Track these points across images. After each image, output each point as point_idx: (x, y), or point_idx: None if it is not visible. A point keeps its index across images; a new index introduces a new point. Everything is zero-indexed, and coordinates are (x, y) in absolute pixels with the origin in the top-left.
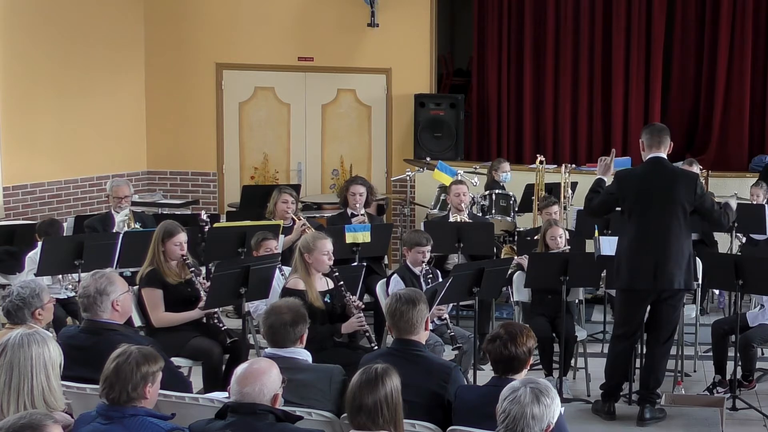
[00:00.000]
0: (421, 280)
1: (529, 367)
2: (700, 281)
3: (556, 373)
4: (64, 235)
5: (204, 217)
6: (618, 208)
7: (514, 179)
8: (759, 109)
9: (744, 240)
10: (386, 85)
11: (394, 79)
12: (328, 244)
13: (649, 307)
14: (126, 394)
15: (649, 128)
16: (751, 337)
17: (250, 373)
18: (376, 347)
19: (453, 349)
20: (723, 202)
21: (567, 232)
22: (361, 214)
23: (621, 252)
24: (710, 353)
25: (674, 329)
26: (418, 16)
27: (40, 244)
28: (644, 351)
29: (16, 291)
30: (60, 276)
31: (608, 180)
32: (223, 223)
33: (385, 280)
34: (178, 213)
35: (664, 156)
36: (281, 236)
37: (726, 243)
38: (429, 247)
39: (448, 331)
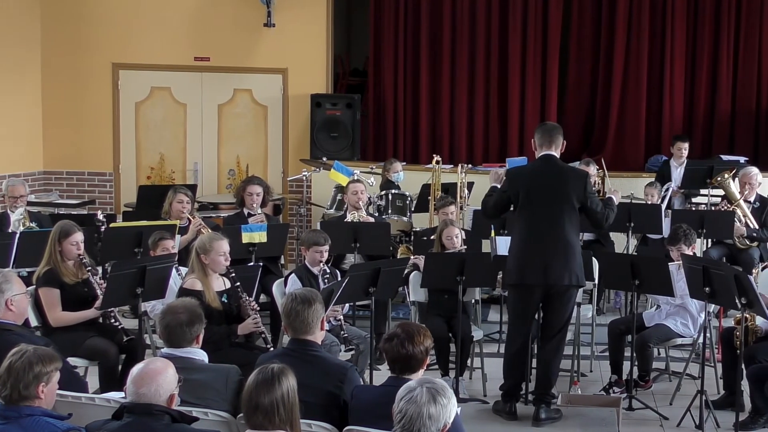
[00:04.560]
0: (320, 279)
1: (425, 367)
2: (596, 281)
3: (452, 373)
4: None
5: (100, 217)
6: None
7: (410, 179)
8: (655, 109)
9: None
10: (282, 85)
11: (291, 79)
12: (224, 245)
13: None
14: (18, 392)
15: (541, 127)
16: (647, 337)
17: (146, 373)
18: (272, 348)
19: (346, 350)
20: (606, 197)
21: (463, 232)
22: (258, 214)
23: (512, 248)
24: (607, 353)
25: (563, 326)
26: (315, 16)
27: None
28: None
29: None
30: None
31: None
32: (119, 223)
33: (282, 279)
34: (75, 213)
35: (556, 154)
36: (177, 236)
37: (622, 243)
38: (327, 247)
39: (342, 333)
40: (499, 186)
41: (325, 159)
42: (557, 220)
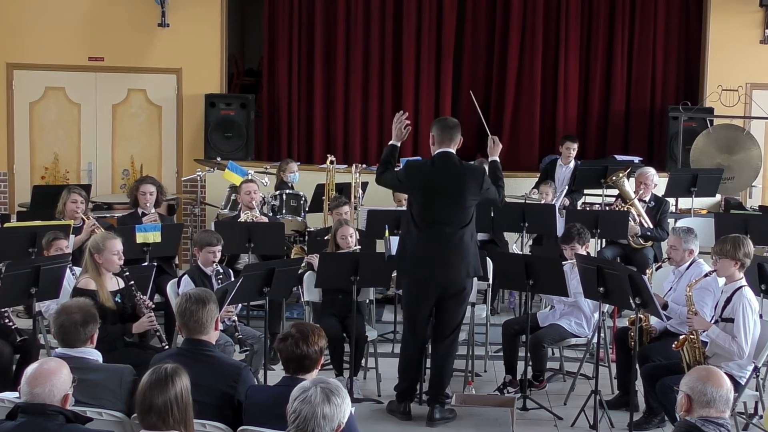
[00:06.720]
0: (213, 280)
1: (320, 367)
2: (491, 281)
3: (346, 373)
4: None
5: None
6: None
7: (304, 179)
8: (549, 109)
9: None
10: (177, 85)
11: (185, 79)
12: (117, 244)
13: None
14: None
15: (441, 123)
16: (541, 337)
17: (40, 373)
18: (166, 347)
19: (241, 351)
20: (490, 160)
21: (357, 232)
22: (152, 213)
23: (407, 245)
24: (501, 353)
25: (458, 325)
26: (209, 15)
27: None
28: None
29: None
30: None
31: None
32: (13, 223)
33: (175, 280)
34: None
35: (453, 151)
36: (71, 236)
37: (517, 243)
38: (219, 247)
39: (237, 333)
40: (397, 144)
41: (219, 159)
42: (454, 218)
